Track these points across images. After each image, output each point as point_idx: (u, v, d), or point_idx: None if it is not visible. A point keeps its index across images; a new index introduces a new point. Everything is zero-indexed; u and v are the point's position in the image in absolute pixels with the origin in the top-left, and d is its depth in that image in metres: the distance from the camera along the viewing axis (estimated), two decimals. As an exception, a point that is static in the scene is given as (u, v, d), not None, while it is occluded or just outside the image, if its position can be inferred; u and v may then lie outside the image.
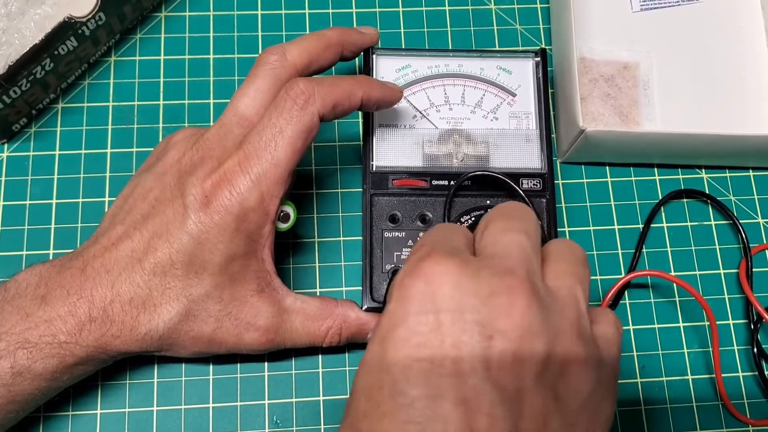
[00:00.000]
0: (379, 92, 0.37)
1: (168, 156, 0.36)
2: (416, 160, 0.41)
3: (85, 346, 0.33)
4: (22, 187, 0.43)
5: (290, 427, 0.40)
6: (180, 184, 0.34)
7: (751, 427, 0.41)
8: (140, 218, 0.35)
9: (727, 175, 0.46)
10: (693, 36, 0.47)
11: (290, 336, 0.36)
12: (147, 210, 0.35)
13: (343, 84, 0.36)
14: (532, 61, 0.43)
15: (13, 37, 0.41)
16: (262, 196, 0.33)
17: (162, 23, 0.47)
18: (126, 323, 0.33)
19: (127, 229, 0.35)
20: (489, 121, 0.42)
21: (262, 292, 0.35)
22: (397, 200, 0.40)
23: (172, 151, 0.37)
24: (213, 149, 0.35)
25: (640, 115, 0.45)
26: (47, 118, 0.45)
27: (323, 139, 0.45)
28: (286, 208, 0.36)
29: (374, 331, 0.27)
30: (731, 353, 0.42)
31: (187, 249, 0.33)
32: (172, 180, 0.35)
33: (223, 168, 0.34)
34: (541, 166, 0.41)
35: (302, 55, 0.37)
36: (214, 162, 0.34)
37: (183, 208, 0.33)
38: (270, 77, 0.36)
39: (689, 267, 0.44)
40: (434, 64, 0.43)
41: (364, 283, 0.39)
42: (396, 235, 0.39)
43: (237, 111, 0.36)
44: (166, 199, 0.34)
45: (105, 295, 0.33)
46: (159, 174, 0.36)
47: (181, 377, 0.40)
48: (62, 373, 0.33)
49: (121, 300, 0.33)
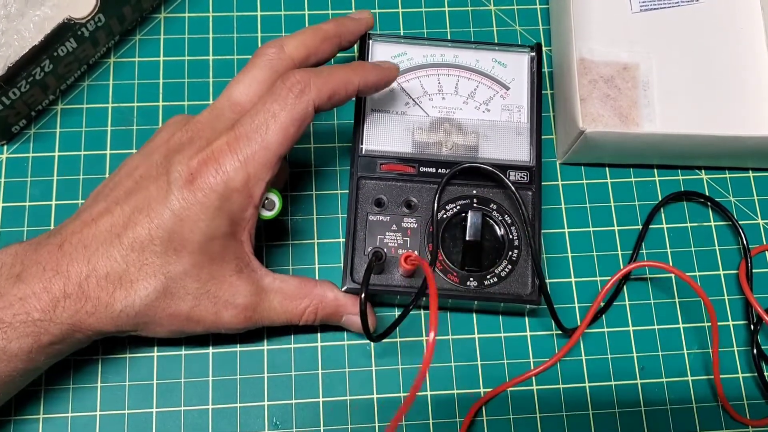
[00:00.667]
0: (374, 76, 0.38)
1: (158, 137, 0.37)
2: (406, 146, 0.41)
3: (59, 323, 0.33)
4: (21, 188, 0.43)
5: (290, 428, 0.40)
6: (166, 162, 0.34)
7: (750, 427, 0.41)
8: (123, 194, 0.35)
9: (727, 176, 0.46)
10: (693, 37, 0.47)
11: (268, 315, 0.37)
12: (131, 186, 0.35)
13: (339, 73, 0.36)
14: (527, 55, 0.43)
15: (12, 38, 0.41)
16: (248, 177, 0.34)
17: (161, 24, 0.47)
18: (101, 299, 0.33)
19: (108, 205, 0.35)
20: (481, 113, 0.42)
21: (240, 272, 0.35)
22: (384, 185, 0.40)
23: (162, 132, 0.37)
24: (203, 130, 0.35)
25: (640, 116, 0.45)
26: (47, 119, 0.45)
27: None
28: (272, 196, 0.36)
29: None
30: (731, 354, 0.42)
31: (168, 225, 0.33)
32: (159, 158, 0.35)
33: (212, 147, 0.34)
34: (529, 160, 0.41)
35: (299, 48, 0.37)
36: (202, 142, 0.34)
37: (167, 185, 0.33)
38: (267, 68, 0.36)
39: (689, 268, 0.44)
40: (430, 53, 0.43)
41: (345, 263, 0.39)
42: (380, 219, 0.40)
43: (231, 97, 0.36)
44: (151, 176, 0.34)
45: (81, 270, 0.33)
46: (147, 153, 0.36)
47: (180, 378, 0.40)
48: (38, 353, 0.33)
49: (97, 275, 0.33)
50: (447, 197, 0.40)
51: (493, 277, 0.39)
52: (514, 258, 0.39)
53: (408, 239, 0.39)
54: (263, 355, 0.41)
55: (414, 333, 0.42)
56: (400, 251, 0.39)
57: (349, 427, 0.40)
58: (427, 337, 0.41)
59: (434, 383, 0.41)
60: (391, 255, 0.39)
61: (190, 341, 0.40)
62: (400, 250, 0.39)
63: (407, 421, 0.40)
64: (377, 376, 0.41)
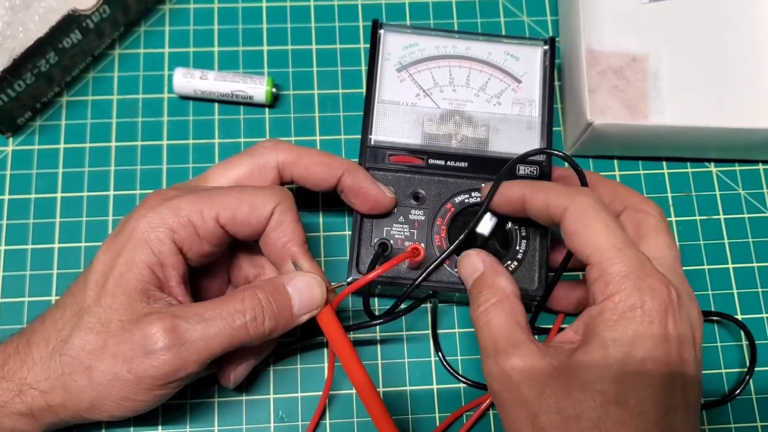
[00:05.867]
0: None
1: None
2: (415, 137, 0.41)
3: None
4: (27, 180, 0.43)
5: (296, 421, 0.40)
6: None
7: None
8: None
9: (737, 169, 0.46)
10: (703, 28, 0.46)
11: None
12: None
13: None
14: (540, 49, 0.43)
15: (17, 30, 0.41)
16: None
17: (166, 15, 0.47)
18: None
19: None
20: (492, 106, 0.42)
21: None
22: (392, 176, 0.40)
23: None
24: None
25: (649, 108, 0.44)
26: (52, 111, 0.45)
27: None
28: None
29: None
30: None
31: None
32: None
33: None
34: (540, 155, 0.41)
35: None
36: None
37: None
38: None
39: (698, 261, 0.44)
40: (442, 44, 0.43)
41: (351, 255, 0.39)
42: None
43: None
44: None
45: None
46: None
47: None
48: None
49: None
50: (455, 189, 0.40)
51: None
52: (522, 253, 0.39)
53: (415, 231, 0.39)
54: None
55: (420, 326, 0.42)
56: (406, 243, 0.39)
57: (355, 421, 0.40)
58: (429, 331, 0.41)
59: (440, 377, 0.41)
60: (398, 247, 0.39)
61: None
62: (406, 242, 0.39)
63: (413, 414, 0.40)
64: (382, 369, 0.41)
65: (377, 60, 0.42)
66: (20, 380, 0.32)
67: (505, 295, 0.33)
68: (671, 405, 0.29)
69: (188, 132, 0.45)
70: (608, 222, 0.31)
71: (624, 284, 0.30)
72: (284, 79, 0.46)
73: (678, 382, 0.29)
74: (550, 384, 0.30)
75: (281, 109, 0.46)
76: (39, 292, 0.41)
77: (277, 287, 0.34)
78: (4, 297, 0.41)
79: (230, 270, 0.39)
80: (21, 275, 0.41)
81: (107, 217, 0.43)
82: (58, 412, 0.33)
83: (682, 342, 0.30)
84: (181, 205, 0.33)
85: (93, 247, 0.42)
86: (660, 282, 0.30)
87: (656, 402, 0.29)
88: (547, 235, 0.39)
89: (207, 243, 0.34)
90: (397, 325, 0.41)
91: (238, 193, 0.34)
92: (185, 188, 0.35)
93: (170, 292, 0.33)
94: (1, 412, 0.33)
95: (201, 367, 0.32)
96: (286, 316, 0.34)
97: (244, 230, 0.34)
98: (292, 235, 0.35)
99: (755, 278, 0.43)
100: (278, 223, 0.35)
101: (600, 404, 0.29)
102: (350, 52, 0.47)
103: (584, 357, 0.30)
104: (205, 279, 0.38)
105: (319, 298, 0.34)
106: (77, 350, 0.32)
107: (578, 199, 0.32)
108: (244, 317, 0.32)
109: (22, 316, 0.41)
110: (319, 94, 0.46)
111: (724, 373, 0.41)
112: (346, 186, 0.38)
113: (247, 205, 0.34)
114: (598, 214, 0.31)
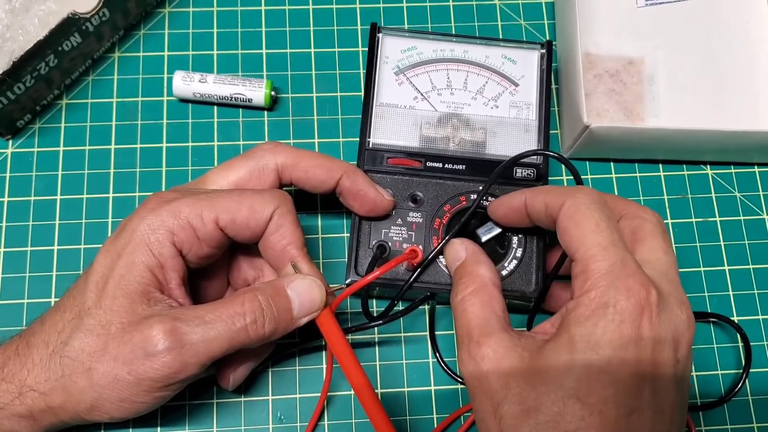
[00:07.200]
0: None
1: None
2: (413, 140, 0.41)
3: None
4: (26, 183, 0.43)
5: (294, 422, 0.40)
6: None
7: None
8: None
9: (732, 171, 0.46)
10: (699, 31, 0.47)
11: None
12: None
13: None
14: (537, 52, 0.43)
15: (17, 33, 0.41)
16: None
17: (166, 19, 0.47)
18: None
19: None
20: (489, 109, 0.42)
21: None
22: (390, 178, 0.40)
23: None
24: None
25: (645, 111, 0.45)
26: (51, 114, 0.45)
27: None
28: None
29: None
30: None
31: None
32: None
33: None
34: (537, 157, 0.41)
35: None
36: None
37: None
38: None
39: (694, 263, 0.44)
40: (440, 48, 0.43)
41: (350, 257, 0.39)
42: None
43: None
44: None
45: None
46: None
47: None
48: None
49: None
50: (453, 192, 0.40)
51: (498, 273, 0.39)
52: (519, 255, 0.39)
53: (413, 233, 0.39)
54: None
55: (418, 328, 0.42)
56: (404, 245, 0.39)
57: (353, 422, 0.40)
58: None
59: (438, 378, 0.41)
60: (396, 249, 0.39)
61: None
62: (404, 244, 0.39)
63: (411, 415, 0.40)
64: (381, 371, 0.41)
65: (375, 63, 0.42)
66: (20, 382, 0.33)
67: (483, 284, 0.33)
68: (635, 407, 0.29)
69: (187, 135, 0.45)
70: (599, 221, 0.31)
71: (601, 282, 0.29)
72: (283, 82, 0.46)
73: (647, 384, 0.29)
74: (515, 375, 0.30)
75: (280, 112, 0.46)
76: (38, 294, 0.41)
77: (277, 290, 0.34)
78: (4, 299, 0.41)
79: (229, 272, 0.39)
80: (20, 277, 0.42)
81: (107, 220, 0.43)
82: (58, 413, 0.33)
83: (657, 344, 0.29)
84: (180, 207, 0.34)
85: (92, 249, 0.42)
86: (638, 283, 0.29)
87: (618, 402, 0.28)
88: (544, 238, 0.39)
89: (206, 245, 0.34)
90: (395, 327, 0.42)
91: (238, 196, 0.35)
92: (185, 190, 0.35)
93: (170, 294, 0.34)
94: (1, 413, 0.33)
95: (201, 369, 0.32)
96: (286, 318, 0.34)
97: (243, 233, 0.35)
98: (292, 238, 0.35)
99: (751, 280, 0.44)
100: (278, 226, 0.35)
101: (560, 398, 0.29)
102: (349, 55, 0.47)
103: (551, 351, 0.30)
104: (205, 281, 0.38)
105: (319, 300, 0.34)
106: (77, 352, 0.32)
107: (574, 197, 0.32)
108: (244, 320, 0.32)
109: (22, 318, 0.41)
110: (317, 97, 0.46)
111: (720, 375, 0.42)
112: (344, 188, 0.38)
113: (246, 209, 0.34)
114: (591, 212, 0.31)
